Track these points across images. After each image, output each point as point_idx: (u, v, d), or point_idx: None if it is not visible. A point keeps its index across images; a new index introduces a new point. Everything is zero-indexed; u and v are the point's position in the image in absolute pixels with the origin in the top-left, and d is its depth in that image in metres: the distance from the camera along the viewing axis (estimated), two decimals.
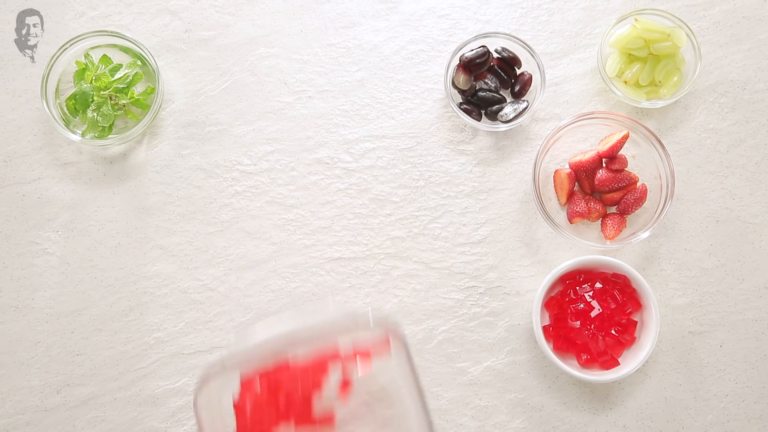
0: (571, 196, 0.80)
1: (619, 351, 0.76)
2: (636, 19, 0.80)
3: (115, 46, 0.83)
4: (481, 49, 0.80)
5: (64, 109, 0.81)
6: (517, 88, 0.81)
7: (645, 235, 0.77)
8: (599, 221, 0.81)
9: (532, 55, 0.80)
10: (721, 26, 0.84)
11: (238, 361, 0.59)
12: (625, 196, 0.79)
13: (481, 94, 0.81)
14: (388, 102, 0.83)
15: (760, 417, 0.79)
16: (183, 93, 0.83)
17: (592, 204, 0.80)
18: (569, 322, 0.76)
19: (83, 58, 0.81)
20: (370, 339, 0.61)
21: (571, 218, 0.80)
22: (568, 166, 0.81)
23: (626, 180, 0.79)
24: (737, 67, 0.83)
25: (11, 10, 0.84)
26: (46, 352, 0.79)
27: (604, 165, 0.80)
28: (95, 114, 0.79)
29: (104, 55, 0.82)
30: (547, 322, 0.78)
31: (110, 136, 0.80)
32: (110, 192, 0.81)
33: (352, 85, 0.83)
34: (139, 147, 0.82)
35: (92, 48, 0.82)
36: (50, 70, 0.80)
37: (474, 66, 0.80)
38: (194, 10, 0.84)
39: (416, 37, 0.84)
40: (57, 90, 0.82)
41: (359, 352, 0.61)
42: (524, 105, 0.80)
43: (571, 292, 0.77)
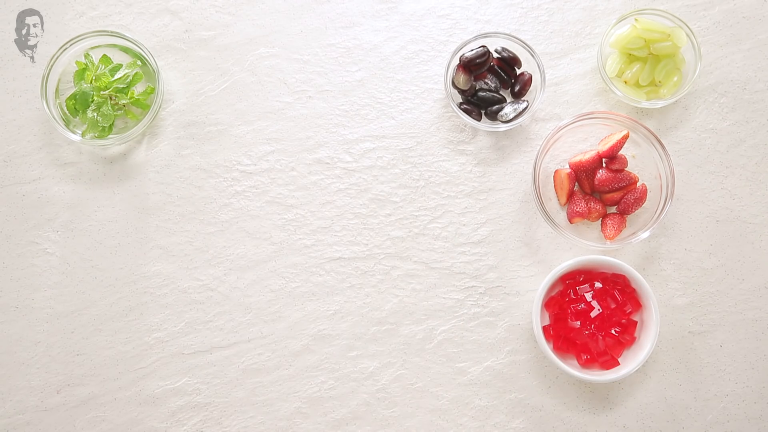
0: (571, 196, 0.80)
1: (619, 351, 0.76)
2: (636, 19, 0.80)
3: (115, 46, 0.83)
4: (481, 49, 0.80)
5: (64, 109, 0.81)
6: (517, 88, 0.81)
7: (645, 235, 0.77)
8: (599, 221, 0.81)
9: (532, 55, 0.80)
10: (721, 26, 0.84)
11: None
12: (625, 196, 0.79)
13: (481, 94, 0.81)
14: (388, 102, 0.83)
15: (760, 417, 0.79)
16: (183, 93, 0.83)
17: (592, 204, 0.80)
18: (569, 322, 0.76)
19: (83, 58, 0.81)
20: None
21: (571, 218, 0.80)
22: (568, 166, 0.81)
23: (626, 180, 0.79)
24: (737, 67, 0.83)
25: (11, 10, 0.84)
26: (46, 352, 0.79)
27: (604, 165, 0.80)
28: (95, 114, 0.79)
29: (104, 55, 0.82)
30: (547, 322, 0.78)
31: (110, 136, 0.80)
32: (110, 192, 0.81)
33: (352, 85, 0.83)
34: (139, 147, 0.82)
35: (92, 48, 0.82)
36: (50, 70, 0.80)
37: (474, 66, 0.80)
38: (194, 10, 0.84)
39: (416, 37, 0.84)
40: (57, 90, 0.82)
41: None
42: (524, 105, 0.80)
43: (571, 292, 0.77)
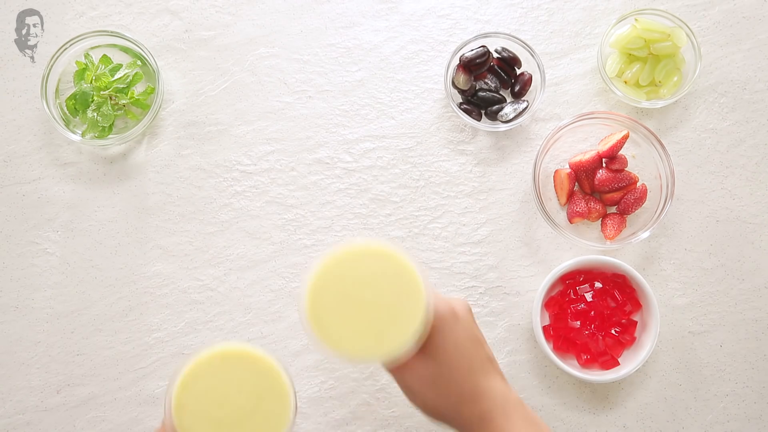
0: (571, 196, 0.80)
1: (619, 351, 0.76)
2: (636, 19, 0.80)
3: (115, 46, 0.83)
4: (481, 49, 0.80)
5: (64, 109, 0.81)
6: (517, 88, 0.81)
7: (645, 235, 0.77)
8: (599, 221, 0.81)
9: (532, 55, 0.80)
10: (721, 26, 0.84)
11: None
12: (625, 196, 0.79)
13: (481, 94, 0.81)
14: (388, 102, 0.83)
15: (760, 417, 0.79)
16: (183, 93, 0.83)
17: (592, 204, 0.80)
18: (569, 322, 0.76)
19: (83, 58, 0.81)
20: None
21: (571, 218, 0.80)
22: (568, 166, 0.81)
23: (626, 180, 0.79)
24: (737, 67, 0.83)
25: (11, 10, 0.84)
26: (46, 352, 0.79)
27: (604, 165, 0.80)
28: (95, 114, 0.79)
29: (104, 55, 0.82)
30: (547, 322, 0.78)
31: (110, 136, 0.80)
32: (110, 192, 0.81)
33: (352, 85, 0.83)
34: (139, 147, 0.82)
35: (92, 48, 0.82)
36: (50, 70, 0.80)
37: (474, 66, 0.80)
38: (194, 10, 0.84)
39: (416, 37, 0.84)
40: (57, 90, 0.82)
41: None
42: (524, 105, 0.80)
43: (571, 292, 0.77)
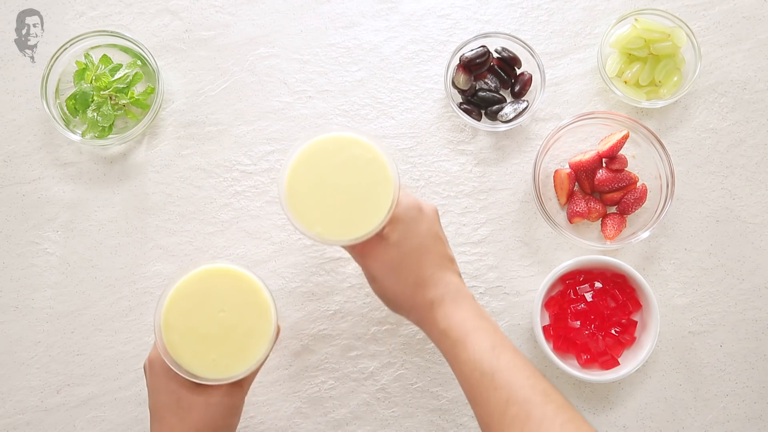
0: (571, 196, 0.80)
1: (619, 351, 0.76)
2: (636, 19, 0.80)
3: (115, 46, 0.83)
4: (481, 49, 0.80)
5: (64, 109, 0.81)
6: (517, 88, 0.81)
7: (645, 235, 0.77)
8: (599, 221, 0.81)
9: (532, 55, 0.80)
10: (721, 26, 0.84)
11: None
12: (625, 196, 0.79)
13: (481, 94, 0.81)
14: (388, 102, 0.83)
15: (760, 417, 0.79)
16: (183, 93, 0.83)
17: (592, 204, 0.80)
18: (569, 322, 0.76)
19: (83, 58, 0.81)
20: None
21: (571, 218, 0.80)
22: (568, 166, 0.81)
23: (626, 180, 0.79)
24: (737, 67, 0.83)
25: (11, 10, 0.84)
26: (46, 352, 0.79)
27: (604, 165, 0.80)
28: (95, 114, 0.79)
29: (104, 55, 0.82)
30: (547, 322, 0.78)
31: (110, 136, 0.80)
32: (110, 192, 0.81)
33: (352, 85, 0.83)
34: (139, 147, 0.82)
35: (92, 48, 0.82)
36: (50, 70, 0.80)
37: (474, 66, 0.80)
38: (194, 10, 0.84)
39: (416, 37, 0.84)
40: (57, 90, 0.82)
41: None
42: (524, 105, 0.80)
43: (571, 292, 0.77)
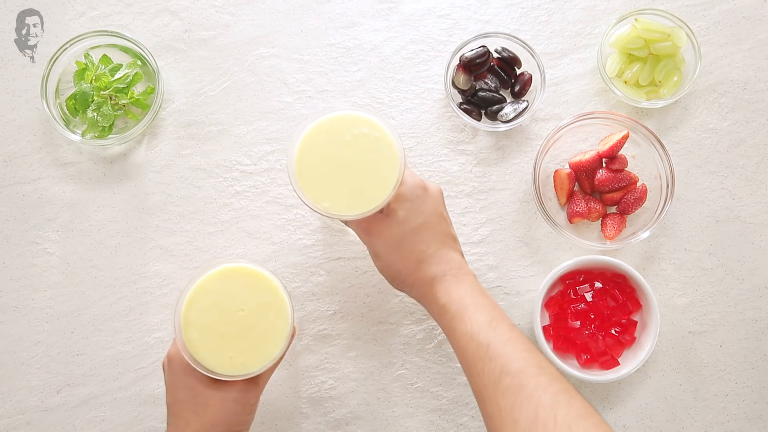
0: (571, 196, 0.80)
1: (619, 351, 0.76)
2: (636, 19, 0.80)
3: (115, 46, 0.83)
4: (481, 49, 0.80)
5: (64, 109, 0.81)
6: (517, 88, 0.81)
7: (645, 235, 0.77)
8: (599, 221, 0.81)
9: (532, 55, 0.80)
10: (721, 26, 0.84)
11: None
12: (625, 196, 0.79)
13: (481, 94, 0.81)
14: (388, 102, 0.83)
15: (760, 417, 0.79)
16: (183, 93, 0.83)
17: (592, 204, 0.80)
18: (569, 322, 0.76)
19: (83, 58, 0.81)
20: None
21: (571, 218, 0.80)
22: (568, 166, 0.81)
23: (626, 180, 0.79)
24: (737, 67, 0.83)
25: (11, 10, 0.84)
26: (46, 352, 0.79)
27: (604, 165, 0.80)
28: (95, 114, 0.79)
29: (104, 55, 0.82)
30: (547, 322, 0.78)
31: (110, 136, 0.80)
32: (110, 192, 0.81)
33: (352, 85, 0.83)
34: (139, 147, 0.82)
35: (92, 48, 0.82)
36: (50, 70, 0.80)
37: (474, 66, 0.80)
38: (194, 10, 0.84)
39: (416, 37, 0.84)
40: (57, 90, 0.82)
41: None
42: (524, 105, 0.80)
43: (571, 292, 0.77)
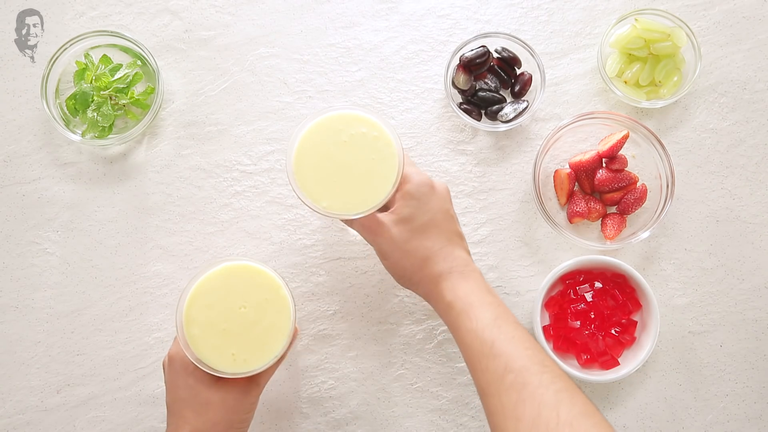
0: (571, 196, 0.80)
1: (619, 351, 0.76)
2: (636, 19, 0.80)
3: (115, 46, 0.83)
4: (481, 49, 0.80)
5: (64, 109, 0.81)
6: (517, 88, 0.81)
7: (645, 235, 0.77)
8: (599, 221, 0.81)
9: (532, 55, 0.80)
10: (721, 26, 0.84)
11: None
12: (625, 196, 0.79)
13: (481, 94, 0.81)
14: (388, 102, 0.83)
15: (760, 417, 0.79)
16: (183, 93, 0.83)
17: (592, 204, 0.80)
18: (569, 322, 0.76)
19: (83, 58, 0.81)
20: None
21: (571, 218, 0.80)
22: (568, 166, 0.81)
23: (626, 180, 0.79)
24: (737, 67, 0.83)
25: (11, 10, 0.84)
26: (46, 352, 0.79)
27: (604, 165, 0.80)
28: (95, 114, 0.79)
29: (104, 55, 0.82)
30: (547, 322, 0.78)
31: (110, 136, 0.80)
32: (110, 192, 0.81)
33: (352, 85, 0.83)
34: (139, 147, 0.82)
35: (92, 48, 0.82)
36: (50, 70, 0.80)
37: (474, 66, 0.80)
38: (194, 10, 0.84)
39: (416, 37, 0.84)
40: (57, 90, 0.82)
41: None
42: (524, 105, 0.80)
43: (571, 292, 0.77)
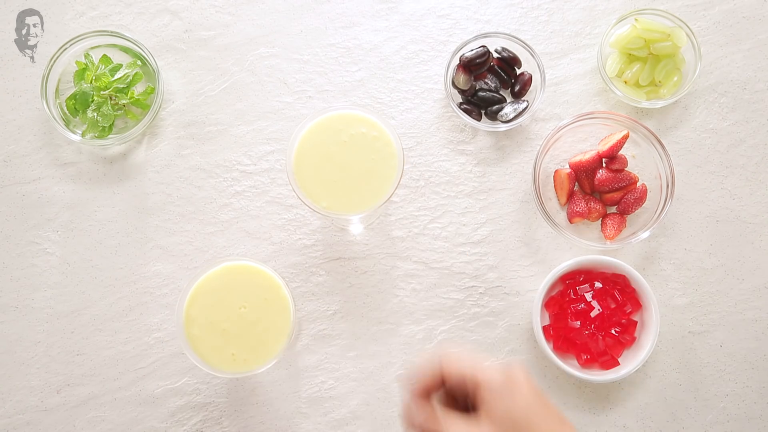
0: (571, 196, 0.80)
1: (619, 351, 0.76)
2: (636, 19, 0.80)
3: (115, 46, 0.83)
4: (481, 49, 0.80)
5: (64, 109, 0.81)
6: (517, 88, 0.81)
7: (645, 235, 0.77)
8: (599, 221, 0.81)
9: (532, 55, 0.80)
10: (721, 26, 0.84)
11: None
12: (625, 196, 0.79)
13: (481, 94, 0.81)
14: (388, 102, 0.83)
15: (760, 417, 0.79)
16: (183, 93, 0.83)
17: (592, 204, 0.80)
18: (569, 322, 0.76)
19: (83, 58, 0.81)
20: None
21: (571, 218, 0.80)
22: (568, 166, 0.81)
23: (626, 180, 0.79)
24: (737, 67, 0.83)
25: (11, 10, 0.84)
26: (46, 352, 0.79)
27: (604, 165, 0.80)
28: (95, 114, 0.79)
29: (104, 55, 0.82)
30: (547, 322, 0.78)
31: (110, 136, 0.80)
32: (110, 192, 0.81)
33: (352, 85, 0.83)
34: (139, 147, 0.82)
35: (92, 48, 0.82)
36: (50, 70, 0.80)
37: (474, 66, 0.80)
38: (194, 10, 0.84)
39: (416, 37, 0.84)
40: (57, 90, 0.82)
41: None
42: (524, 105, 0.80)
43: (571, 292, 0.77)
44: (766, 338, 0.80)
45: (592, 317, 0.76)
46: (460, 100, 0.82)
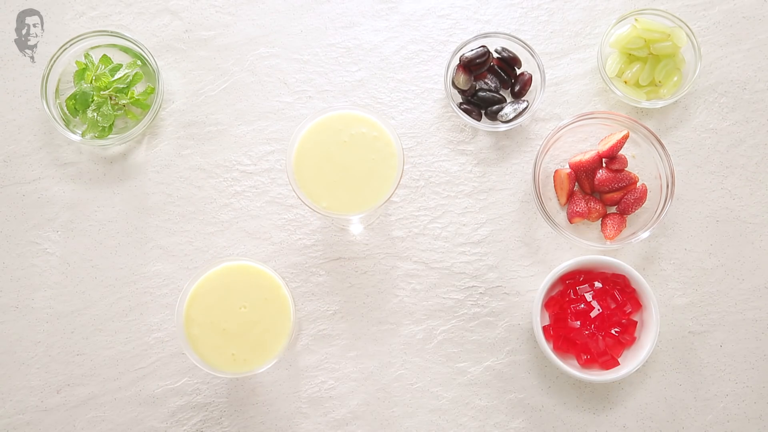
0: (571, 196, 0.80)
1: (619, 351, 0.76)
2: (636, 19, 0.80)
3: (115, 46, 0.83)
4: (481, 49, 0.80)
5: (64, 109, 0.81)
6: (517, 88, 0.81)
7: (645, 235, 0.77)
8: (599, 221, 0.81)
9: (532, 55, 0.80)
10: (721, 26, 0.84)
11: None
12: (625, 196, 0.79)
13: (481, 94, 0.81)
14: (388, 102, 0.83)
15: (760, 417, 0.79)
16: (183, 93, 0.83)
17: (592, 204, 0.80)
18: (569, 322, 0.76)
19: (83, 58, 0.81)
20: None
21: (571, 218, 0.80)
22: (568, 166, 0.81)
23: (626, 180, 0.79)
24: (737, 67, 0.83)
25: (11, 10, 0.84)
26: (46, 352, 0.79)
27: (604, 165, 0.80)
28: (95, 114, 0.79)
29: (104, 55, 0.82)
30: (547, 322, 0.78)
31: (110, 136, 0.80)
32: (110, 192, 0.81)
33: (352, 85, 0.83)
34: (139, 147, 0.82)
35: (92, 48, 0.82)
36: (50, 70, 0.80)
37: (474, 66, 0.80)
38: (194, 10, 0.84)
39: (416, 37, 0.84)
40: (57, 90, 0.82)
41: None
42: (524, 105, 0.80)
43: (571, 292, 0.77)
44: (766, 338, 0.80)
45: (592, 317, 0.76)
46: (460, 100, 0.82)
